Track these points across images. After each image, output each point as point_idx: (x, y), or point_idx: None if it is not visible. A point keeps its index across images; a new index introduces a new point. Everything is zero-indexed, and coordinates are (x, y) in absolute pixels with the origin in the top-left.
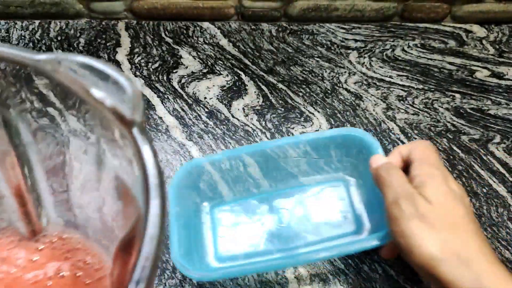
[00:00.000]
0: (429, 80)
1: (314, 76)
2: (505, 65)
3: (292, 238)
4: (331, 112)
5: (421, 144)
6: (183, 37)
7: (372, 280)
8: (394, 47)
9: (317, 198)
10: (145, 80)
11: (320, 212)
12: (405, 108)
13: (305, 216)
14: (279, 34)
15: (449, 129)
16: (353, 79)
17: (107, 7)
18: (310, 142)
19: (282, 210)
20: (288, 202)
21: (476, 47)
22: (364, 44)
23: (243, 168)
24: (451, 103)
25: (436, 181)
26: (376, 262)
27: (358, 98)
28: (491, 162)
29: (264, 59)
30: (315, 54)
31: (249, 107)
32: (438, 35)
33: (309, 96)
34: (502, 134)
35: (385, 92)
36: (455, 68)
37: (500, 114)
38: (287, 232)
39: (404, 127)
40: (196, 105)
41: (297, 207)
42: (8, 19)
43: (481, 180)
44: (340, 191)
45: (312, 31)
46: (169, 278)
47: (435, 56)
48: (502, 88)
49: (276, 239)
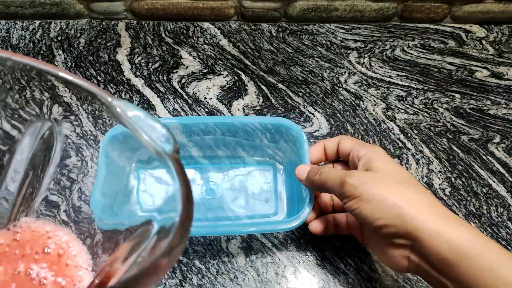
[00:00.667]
0: (429, 80)
1: (314, 76)
2: (504, 65)
3: (215, 210)
4: (331, 112)
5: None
6: (183, 37)
7: (372, 280)
8: (394, 47)
9: (246, 178)
10: (145, 80)
11: (246, 191)
12: (405, 108)
13: (231, 193)
14: (279, 34)
15: (449, 129)
16: (353, 79)
17: (107, 7)
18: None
19: (211, 183)
20: (218, 177)
21: (476, 47)
22: (364, 44)
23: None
24: (450, 103)
25: (382, 154)
26: (376, 262)
27: (358, 98)
28: (491, 162)
29: (264, 59)
30: (315, 54)
31: (249, 107)
32: (437, 35)
33: (309, 96)
34: (501, 134)
35: (385, 92)
36: (455, 68)
37: (500, 114)
38: (210, 204)
39: (404, 127)
40: (196, 105)
41: (225, 183)
42: (8, 19)
43: (481, 180)
44: (267, 175)
45: (312, 31)
46: (169, 278)
47: (435, 56)
48: (502, 88)
49: (201, 208)
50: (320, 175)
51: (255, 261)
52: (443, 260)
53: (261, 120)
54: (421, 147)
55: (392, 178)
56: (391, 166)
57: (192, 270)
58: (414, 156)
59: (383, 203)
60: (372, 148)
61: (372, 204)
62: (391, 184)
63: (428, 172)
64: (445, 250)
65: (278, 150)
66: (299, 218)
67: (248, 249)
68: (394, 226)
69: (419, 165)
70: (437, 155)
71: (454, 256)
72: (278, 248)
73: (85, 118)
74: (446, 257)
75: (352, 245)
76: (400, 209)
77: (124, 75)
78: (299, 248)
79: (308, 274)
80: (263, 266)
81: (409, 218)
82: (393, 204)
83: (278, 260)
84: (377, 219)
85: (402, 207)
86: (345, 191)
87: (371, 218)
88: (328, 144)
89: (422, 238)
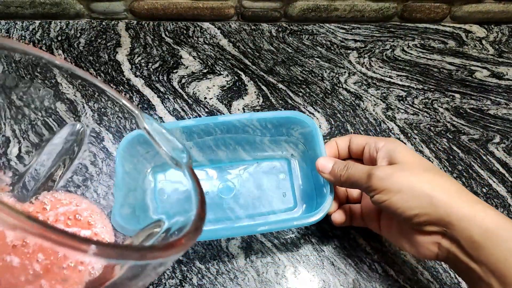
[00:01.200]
0: (429, 80)
1: (314, 76)
2: (504, 65)
3: (233, 209)
4: (331, 112)
5: (357, 135)
6: (183, 37)
7: (372, 280)
8: (394, 47)
9: (261, 175)
10: (145, 80)
11: (263, 187)
12: (405, 108)
13: (249, 190)
14: (279, 34)
15: (449, 129)
16: (353, 79)
17: (107, 7)
18: (259, 120)
19: (227, 182)
20: (234, 176)
21: (476, 47)
22: (364, 44)
23: (197, 138)
24: (450, 103)
25: (401, 145)
26: (376, 262)
27: (358, 98)
28: (491, 162)
29: (264, 59)
30: (315, 54)
31: (249, 107)
32: (437, 35)
33: (309, 96)
34: (501, 134)
35: (385, 92)
36: (455, 68)
37: (500, 114)
38: (228, 204)
39: (404, 127)
40: (196, 105)
41: (242, 181)
42: (8, 19)
43: (481, 180)
44: (282, 169)
45: (312, 31)
46: (169, 278)
47: (435, 56)
48: (502, 88)
49: (219, 208)
50: (346, 170)
51: (255, 261)
52: (473, 244)
53: (272, 115)
54: (421, 147)
55: (417, 167)
56: (412, 155)
57: (192, 270)
58: None
59: (413, 193)
60: (389, 140)
61: (401, 195)
62: (418, 173)
63: None
64: (476, 234)
65: (290, 143)
66: (323, 210)
67: (248, 249)
68: (426, 214)
69: None
70: (437, 155)
71: (484, 239)
72: (278, 248)
73: (111, 123)
74: (477, 240)
75: (352, 245)
76: (430, 197)
77: (124, 75)
78: (299, 248)
79: (308, 274)
80: (263, 266)
81: (441, 204)
82: (423, 192)
83: (278, 260)
84: (408, 209)
85: (432, 195)
86: (372, 184)
87: (401, 209)
88: (339, 142)
89: (454, 223)
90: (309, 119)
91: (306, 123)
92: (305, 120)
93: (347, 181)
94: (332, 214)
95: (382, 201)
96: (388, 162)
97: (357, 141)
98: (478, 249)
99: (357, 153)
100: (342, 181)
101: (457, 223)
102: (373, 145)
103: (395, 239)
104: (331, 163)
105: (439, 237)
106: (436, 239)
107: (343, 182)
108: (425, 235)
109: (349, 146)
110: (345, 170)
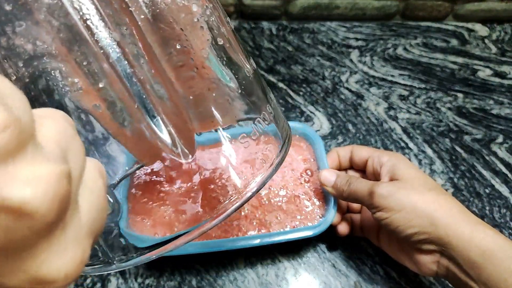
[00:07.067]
0: (431, 80)
1: (315, 75)
2: (507, 64)
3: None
4: (332, 111)
5: (360, 146)
6: None
7: (373, 282)
8: (396, 46)
9: None
10: None
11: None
12: (407, 108)
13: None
14: (279, 33)
15: (452, 129)
16: (354, 78)
17: None
18: None
19: None
20: None
21: (479, 46)
22: (366, 43)
23: None
24: (453, 102)
25: (405, 161)
26: (378, 264)
27: (360, 98)
28: (493, 162)
29: (264, 58)
30: (316, 53)
31: None
32: (440, 34)
33: (309, 95)
34: (505, 134)
35: (386, 91)
36: (457, 67)
37: (503, 113)
38: None
39: (406, 127)
40: None
41: None
42: None
43: (484, 181)
44: None
45: (313, 29)
46: (168, 280)
47: (437, 55)
48: (505, 88)
49: None
50: (349, 185)
51: (255, 263)
52: (473, 264)
53: None
54: (424, 147)
55: (419, 185)
56: (415, 172)
57: (191, 272)
58: (417, 156)
59: (414, 212)
60: (394, 155)
61: (403, 214)
62: (420, 192)
63: (431, 172)
64: (475, 254)
65: None
66: (326, 222)
67: (248, 250)
68: (425, 233)
69: (422, 166)
70: (440, 155)
71: (483, 259)
72: (279, 250)
73: None
74: (476, 261)
75: (353, 247)
76: (432, 217)
77: None
78: (300, 250)
79: (308, 276)
80: (263, 268)
81: (441, 224)
82: (425, 213)
83: (279, 262)
84: (408, 227)
85: (434, 215)
86: (374, 202)
87: (402, 227)
88: (341, 152)
89: (453, 243)
90: (311, 129)
91: (308, 133)
92: (306, 130)
93: (349, 197)
94: (338, 226)
95: (383, 219)
96: (391, 178)
97: (360, 154)
98: (477, 269)
99: (360, 165)
100: (344, 196)
101: (456, 243)
102: (377, 160)
103: (394, 254)
104: (334, 176)
105: (437, 255)
106: (435, 257)
107: (345, 197)
108: (423, 253)
109: (351, 157)
110: (347, 186)
